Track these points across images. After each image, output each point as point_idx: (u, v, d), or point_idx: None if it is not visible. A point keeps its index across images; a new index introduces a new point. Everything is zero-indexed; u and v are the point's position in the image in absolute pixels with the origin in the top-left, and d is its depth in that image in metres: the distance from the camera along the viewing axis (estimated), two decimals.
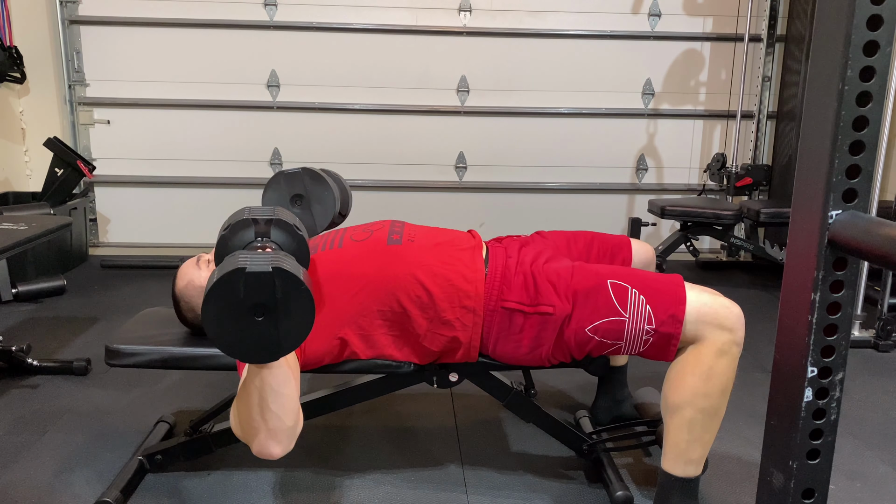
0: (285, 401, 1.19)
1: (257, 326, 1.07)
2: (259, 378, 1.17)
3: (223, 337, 1.07)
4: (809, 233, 0.83)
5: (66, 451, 1.82)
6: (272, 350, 1.09)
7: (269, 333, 1.08)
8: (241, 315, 1.06)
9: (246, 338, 1.07)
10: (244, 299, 1.05)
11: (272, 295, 1.05)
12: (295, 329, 1.08)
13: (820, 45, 0.81)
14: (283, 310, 1.06)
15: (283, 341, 1.09)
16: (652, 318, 1.41)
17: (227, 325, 1.06)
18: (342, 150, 3.81)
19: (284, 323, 1.07)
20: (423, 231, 1.62)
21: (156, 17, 3.64)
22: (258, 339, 1.08)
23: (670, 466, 1.47)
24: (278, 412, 1.19)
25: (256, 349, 1.09)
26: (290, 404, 1.21)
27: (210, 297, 1.04)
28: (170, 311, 1.68)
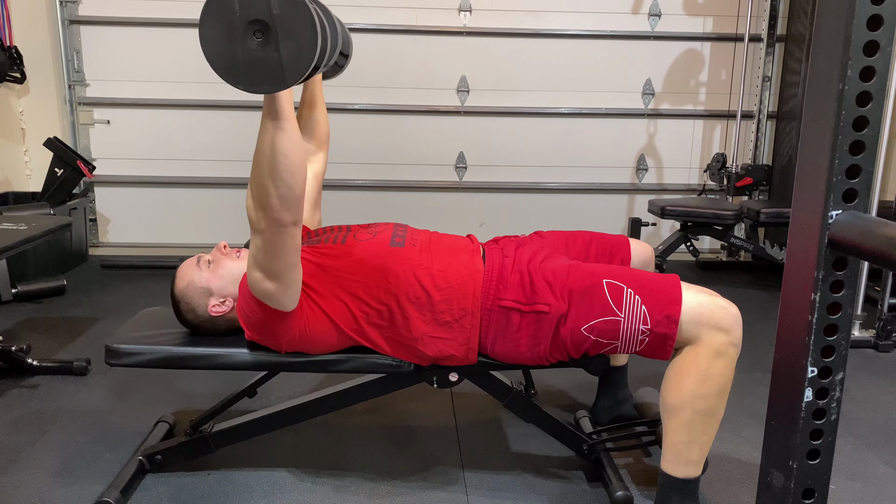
0: (293, 167, 1.25)
1: (258, 49, 1.01)
2: (270, 141, 1.22)
3: (222, 59, 1.02)
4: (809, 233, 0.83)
5: (66, 451, 1.82)
6: (276, 76, 1.04)
7: (270, 56, 1.02)
8: (237, 33, 1.00)
9: (246, 61, 1.02)
10: (239, 13, 0.99)
11: (267, 7, 0.99)
12: (298, 52, 1.02)
13: (820, 45, 0.81)
14: (282, 27, 1.00)
15: (286, 66, 1.03)
16: (647, 318, 1.41)
17: (226, 47, 1.01)
18: (342, 150, 3.81)
19: (286, 44, 1.01)
20: (424, 235, 1.64)
21: (156, 17, 3.64)
22: (259, 63, 1.02)
23: (670, 467, 1.47)
24: (288, 180, 1.26)
25: (259, 75, 1.03)
26: (298, 171, 1.27)
27: (205, 14, 0.99)
28: (170, 310, 1.68)
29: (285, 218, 1.30)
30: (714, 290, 1.45)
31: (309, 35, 1.01)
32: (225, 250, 1.61)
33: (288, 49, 1.01)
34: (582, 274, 1.49)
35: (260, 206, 1.30)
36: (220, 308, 1.58)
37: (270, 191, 1.27)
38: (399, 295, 1.49)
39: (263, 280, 1.39)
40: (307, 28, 1.00)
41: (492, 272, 1.53)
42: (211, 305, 1.58)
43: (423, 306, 1.49)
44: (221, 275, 1.58)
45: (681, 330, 1.40)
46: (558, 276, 1.49)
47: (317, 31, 1.01)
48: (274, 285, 1.39)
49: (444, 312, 1.49)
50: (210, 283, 1.58)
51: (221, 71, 1.03)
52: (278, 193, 1.27)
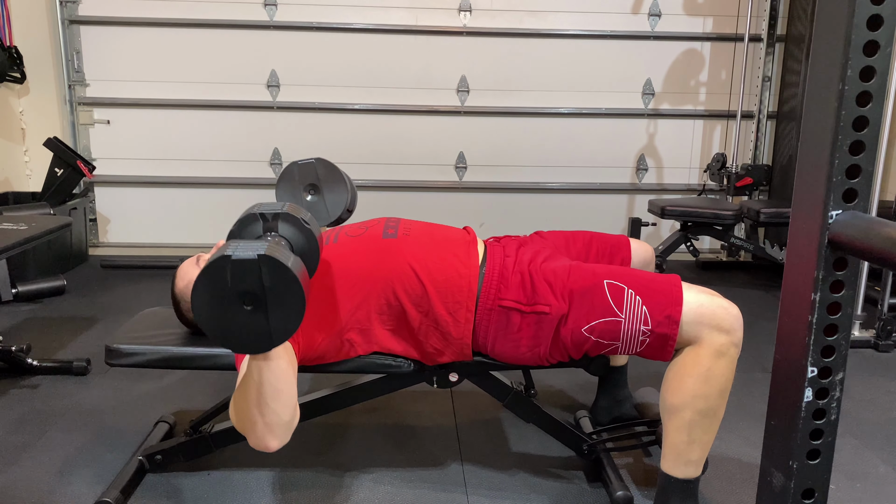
0: (282, 396, 1.21)
1: (247, 316, 1.05)
2: (257, 373, 1.17)
3: (213, 326, 1.05)
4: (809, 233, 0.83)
5: (66, 451, 1.82)
6: (263, 340, 1.08)
7: (260, 323, 1.06)
8: (229, 303, 1.04)
9: (236, 327, 1.06)
10: (231, 287, 1.03)
11: (259, 283, 1.03)
12: (285, 319, 1.06)
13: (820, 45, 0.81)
14: (272, 298, 1.04)
15: (274, 331, 1.07)
16: (648, 318, 1.41)
17: (216, 314, 1.04)
18: (342, 150, 3.81)
19: (274, 312, 1.05)
20: (418, 226, 1.63)
21: (156, 17, 3.64)
22: (248, 329, 1.06)
23: (670, 468, 1.47)
24: (275, 407, 1.20)
25: (247, 339, 1.07)
26: (288, 400, 1.22)
27: (198, 284, 1.03)
28: (170, 311, 1.68)
29: (272, 444, 1.23)
30: (714, 290, 1.45)
31: (296, 303, 1.06)
32: None
33: (276, 316, 1.06)
34: (583, 274, 1.49)
35: (243, 430, 1.24)
36: None
37: (256, 420, 1.21)
38: (395, 286, 1.49)
39: None
40: (295, 296, 1.05)
41: (493, 272, 1.52)
42: None
43: (418, 299, 1.49)
44: None
45: (682, 330, 1.40)
46: (559, 277, 1.49)
47: (304, 300, 1.06)
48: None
49: (438, 306, 1.49)
50: None
51: (211, 333, 1.08)
52: (265, 421, 1.21)
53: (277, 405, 1.20)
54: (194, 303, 1.05)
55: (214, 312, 1.05)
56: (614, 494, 1.60)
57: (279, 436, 1.24)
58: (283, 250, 1.08)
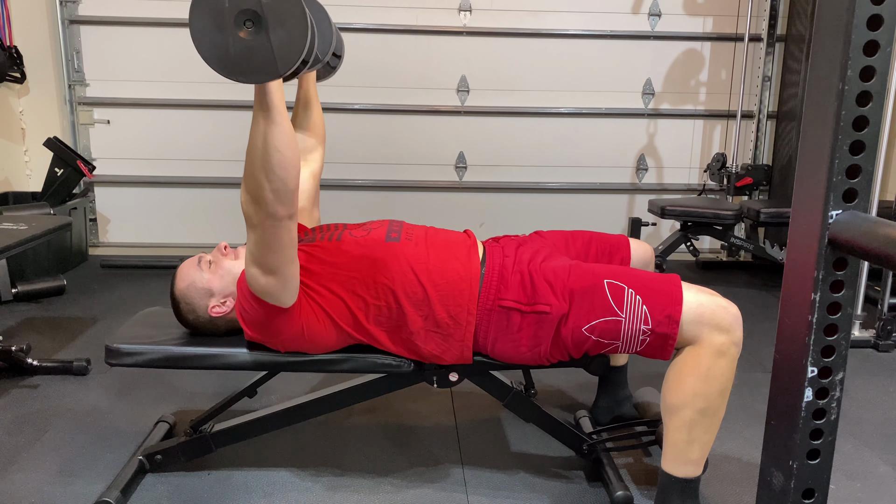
0: (286, 161, 1.26)
1: (248, 38, 1.01)
2: (262, 135, 1.23)
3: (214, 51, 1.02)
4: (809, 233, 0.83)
5: (66, 451, 1.82)
6: (268, 66, 1.04)
7: (262, 45, 1.01)
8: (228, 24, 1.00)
9: (239, 52, 1.01)
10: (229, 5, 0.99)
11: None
12: (289, 40, 1.02)
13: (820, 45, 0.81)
14: (272, 15, 1.00)
15: (277, 55, 1.03)
16: (648, 318, 1.41)
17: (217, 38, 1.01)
18: (342, 150, 3.81)
19: (276, 33, 1.01)
20: (420, 230, 1.63)
21: (156, 17, 3.63)
22: (252, 53, 1.02)
23: (670, 467, 1.47)
24: (280, 174, 1.27)
25: (252, 65, 1.03)
26: (291, 165, 1.28)
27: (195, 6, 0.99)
28: (170, 310, 1.68)
29: (280, 211, 1.31)
30: (714, 290, 1.45)
31: (299, 24, 1.01)
32: (225, 251, 1.61)
33: (279, 38, 1.01)
34: (583, 274, 1.49)
35: (254, 201, 1.31)
36: (221, 309, 1.58)
37: (264, 185, 1.28)
38: (396, 290, 1.49)
39: (261, 275, 1.39)
40: (297, 17, 1.00)
41: (492, 272, 1.52)
42: (212, 306, 1.58)
43: (419, 302, 1.49)
44: (222, 275, 1.58)
45: (682, 330, 1.40)
46: (559, 277, 1.49)
47: (307, 19, 1.01)
48: (271, 280, 1.39)
49: (440, 309, 1.49)
50: (211, 283, 1.58)
51: (213, 62, 1.03)
52: (272, 188, 1.28)
53: (283, 172, 1.27)
54: (193, 31, 1.01)
55: (215, 37, 1.01)
56: (614, 494, 1.60)
57: (286, 202, 1.30)
58: None
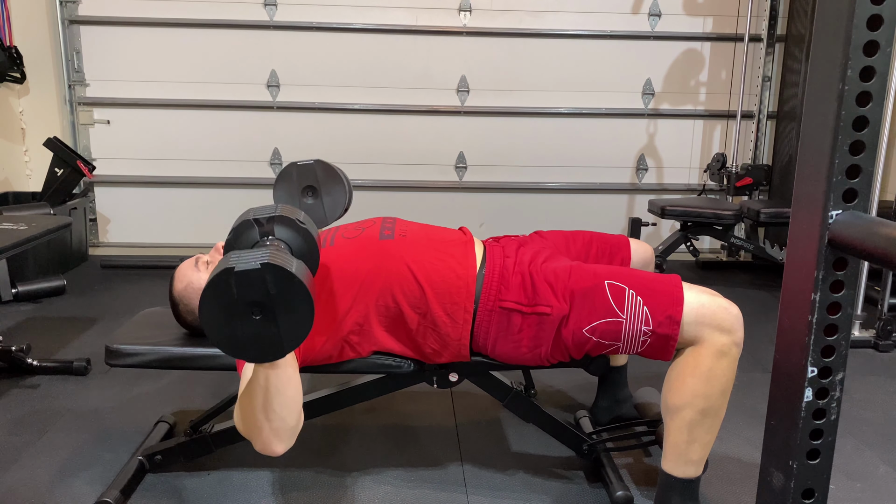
0: (288, 401, 1.21)
1: (257, 325, 1.05)
2: (264, 378, 1.17)
3: (224, 339, 1.06)
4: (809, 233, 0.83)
5: (66, 451, 1.82)
6: (275, 348, 1.08)
7: (270, 331, 1.06)
8: (237, 315, 1.04)
9: (247, 337, 1.06)
10: (238, 299, 1.03)
11: (265, 291, 1.03)
12: (296, 324, 1.06)
13: (820, 45, 0.81)
14: (280, 305, 1.05)
15: (285, 338, 1.07)
16: (649, 319, 1.41)
17: (226, 327, 1.05)
18: (342, 150, 3.81)
19: (284, 319, 1.05)
20: (414, 227, 1.63)
21: (156, 17, 3.64)
22: (259, 338, 1.06)
23: (670, 467, 1.47)
24: (281, 413, 1.21)
25: (259, 348, 1.08)
26: (293, 405, 1.22)
27: (205, 300, 1.04)
28: (170, 311, 1.68)
29: (278, 449, 1.25)
30: (714, 290, 1.45)
31: (305, 309, 1.06)
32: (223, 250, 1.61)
33: (286, 322, 1.06)
34: (583, 275, 1.49)
35: (249, 436, 1.25)
36: None
37: (263, 426, 1.22)
38: (393, 289, 1.49)
39: None
40: (303, 301, 1.05)
41: (493, 273, 1.52)
42: None
43: (416, 300, 1.49)
44: None
45: (683, 330, 1.40)
46: (560, 278, 1.49)
47: (312, 305, 1.06)
48: None
49: (436, 307, 1.49)
50: None
51: (223, 347, 1.08)
52: (271, 427, 1.22)
53: (284, 411, 1.21)
54: (203, 319, 1.04)
55: (224, 326, 1.05)
56: (614, 494, 1.60)
57: (285, 440, 1.25)
58: (284, 255, 1.08)
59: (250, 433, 1.25)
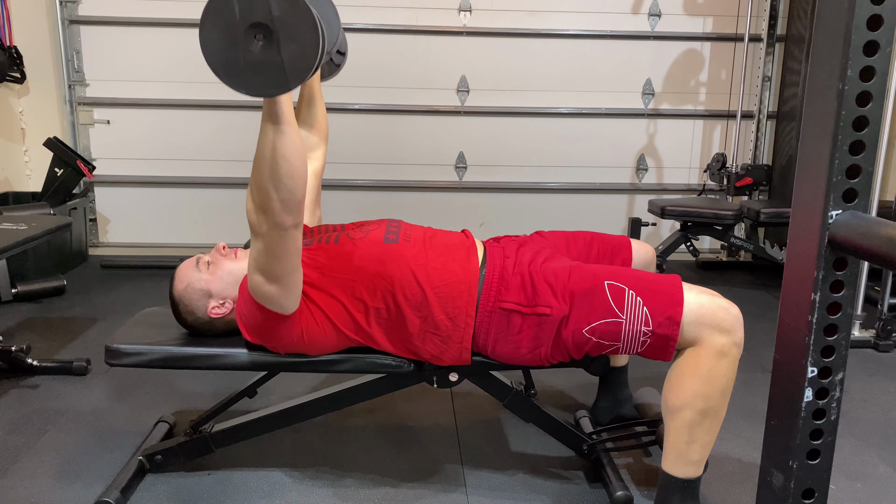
0: (294, 170, 1.26)
1: (259, 51, 1.00)
2: (271, 139, 1.22)
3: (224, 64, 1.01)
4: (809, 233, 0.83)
5: (66, 451, 1.82)
6: (279, 79, 1.04)
7: (273, 59, 1.01)
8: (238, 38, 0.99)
9: (249, 65, 1.01)
10: (240, 19, 0.99)
11: (267, 10, 0.99)
12: (300, 53, 1.02)
13: (820, 45, 0.81)
14: (283, 29, 1.00)
15: (288, 68, 1.02)
16: (649, 319, 1.41)
17: (227, 51, 1.00)
18: (342, 150, 3.81)
19: (288, 46, 1.00)
20: (418, 231, 1.63)
21: (156, 17, 3.63)
22: (262, 67, 1.01)
23: (671, 467, 1.47)
24: (289, 184, 1.26)
25: (262, 78, 1.03)
26: (300, 175, 1.27)
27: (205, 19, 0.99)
28: (170, 311, 1.68)
29: (286, 221, 1.30)
30: (714, 290, 1.45)
31: (310, 36, 1.00)
32: (224, 251, 1.61)
33: (290, 51, 1.01)
34: (583, 275, 1.49)
35: (261, 210, 1.30)
36: (220, 310, 1.58)
37: (272, 195, 1.27)
38: (395, 292, 1.49)
39: (265, 283, 1.39)
40: (308, 29, 1.00)
41: (493, 273, 1.52)
42: (211, 307, 1.58)
43: (418, 304, 1.49)
44: (221, 276, 1.58)
45: (683, 331, 1.40)
46: (560, 278, 1.49)
47: (318, 31, 1.00)
48: (275, 288, 1.39)
49: (438, 311, 1.49)
50: (210, 284, 1.58)
51: (224, 76, 1.03)
52: (280, 197, 1.27)
53: (291, 181, 1.26)
54: (203, 43, 1.00)
55: (225, 51, 1.01)
56: (614, 494, 1.60)
57: (293, 212, 1.30)
58: None
59: (261, 205, 1.29)
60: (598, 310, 1.44)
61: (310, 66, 1.03)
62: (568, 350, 1.48)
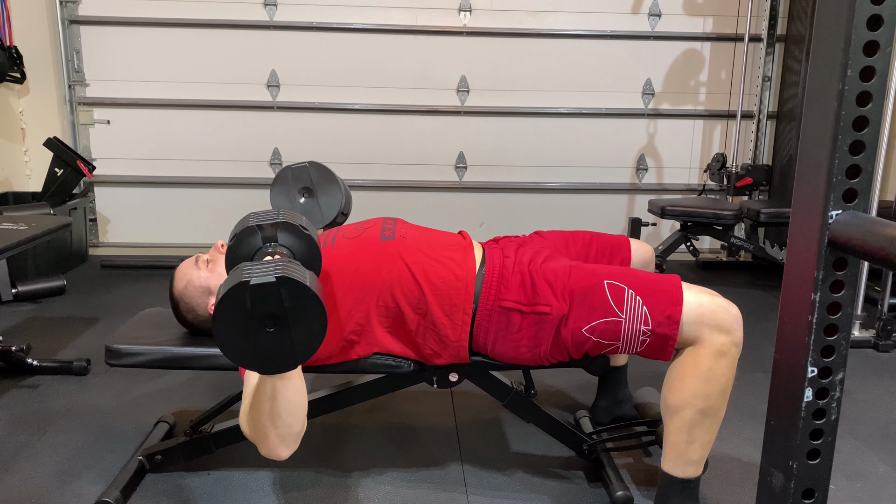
0: (294, 408, 1.23)
1: (270, 337, 1.06)
2: (271, 387, 1.19)
3: (238, 351, 1.07)
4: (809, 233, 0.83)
5: (66, 451, 1.82)
6: (287, 360, 1.09)
7: (283, 343, 1.07)
8: (251, 328, 1.05)
9: (260, 350, 1.07)
10: (252, 312, 1.04)
11: (280, 304, 1.04)
12: (308, 336, 1.07)
13: (820, 45, 0.81)
14: (293, 318, 1.05)
15: (297, 349, 1.08)
16: (648, 318, 1.41)
17: (240, 340, 1.06)
18: (342, 150, 3.81)
19: (296, 331, 1.06)
20: (415, 230, 1.63)
21: (156, 17, 3.64)
22: (273, 350, 1.07)
23: (670, 467, 1.47)
24: (287, 419, 1.23)
25: (272, 360, 1.08)
26: (299, 411, 1.25)
27: (219, 313, 1.04)
28: (170, 310, 1.68)
29: (282, 454, 1.28)
30: (714, 290, 1.45)
31: (319, 320, 1.07)
32: (223, 249, 1.61)
33: (299, 335, 1.07)
34: (583, 275, 1.49)
35: (255, 441, 1.28)
36: None
37: (269, 432, 1.25)
38: (393, 289, 1.49)
39: None
40: (317, 315, 1.06)
41: (492, 272, 1.52)
42: (211, 304, 1.58)
43: (416, 301, 1.49)
44: (221, 273, 1.58)
45: (682, 330, 1.40)
46: (559, 277, 1.49)
47: (325, 316, 1.07)
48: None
49: (436, 308, 1.49)
50: (209, 282, 1.58)
51: (237, 360, 1.09)
52: (278, 433, 1.25)
53: (290, 418, 1.24)
54: (217, 331, 1.05)
55: (238, 338, 1.06)
56: (614, 494, 1.60)
57: (290, 445, 1.28)
58: (297, 267, 1.08)
59: (257, 439, 1.27)
60: (598, 309, 1.44)
61: (317, 346, 1.09)
62: (567, 349, 1.48)
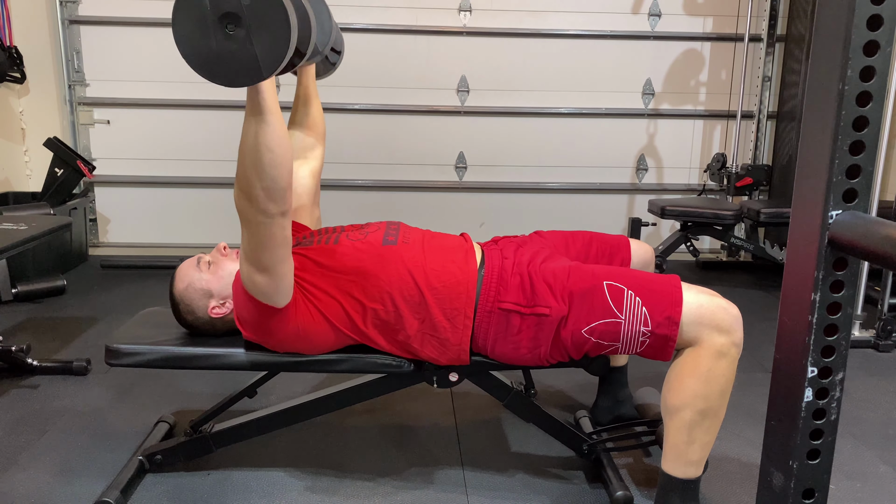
0: (278, 159, 1.26)
1: (232, 42, 1.02)
2: (253, 134, 1.23)
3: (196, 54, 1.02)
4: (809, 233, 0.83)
5: (66, 451, 1.82)
6: (252, 70, 1.05)
7: (246, 49, 1.02)
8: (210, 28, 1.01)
9: (222, 56, 1.02)
10: (210, 9, 1.00)
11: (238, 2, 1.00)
12: (273, 43, 1.03)
13: (820, 45, 0.81)
14: (254, 19, 1.01)
15: (261, 58, 1.03)
16: (648, 319, 1.41)
17: (199, 41, 1.01)
18: (342, 150, 3.81)
19: (260, 36, 1.01)
20: (417, 234, 1.63)
21: (156, 17, 3.63)
22: (235, 57, 1.03)
23: (670, 468, 1.47)
24: (272, 173, 1.27)
25: (236, 69, 1.04)
26: (283, 166, 1.28)
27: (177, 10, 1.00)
28: (170, 310, 1.68)
29: (271, 209, 1.31)
30: (714, 290, 1.45)
31: (282, 26, 1.01)
32: (225, 251, 1.61)
33: (262, 40, 1.02)
34: (582, 275, 1.49)
35: (246, 198, 1.32)
36: (221, 310, 1.58)
37: (255, 183, 1.28)
38: (393, 294, 1.49)
39: (254, 273, 1.39)
40: (279, 19, 1.01)
41: (491, 274, 1.52)
42: (211, 307, 1.58)
43: (416, 305, 1.49)
44: (221, 276, 1.58)
45: (682, 331, 1.40)
46: (559, 278, 1.49)
47: (289, 21, 1.01)
48: (265, 278, 1.39)
49: (437, 312, 1.49)
50: (210, 284, 1.58)
51: (197, 67, 1.04)
52: (262, 185, 1.28)
53: (274, 171, 1.27)
54: (176, 33, 1.02)
55: (197, 41, 1.02)
56: (614, 494, 1.60)
57: (277, 201, 1.30)
58: None
59: (245, 193, 1.30)
60: (597, 310, 1.44)
61: (283, 55, 1.04)
62: (567, 350, 1.48)
